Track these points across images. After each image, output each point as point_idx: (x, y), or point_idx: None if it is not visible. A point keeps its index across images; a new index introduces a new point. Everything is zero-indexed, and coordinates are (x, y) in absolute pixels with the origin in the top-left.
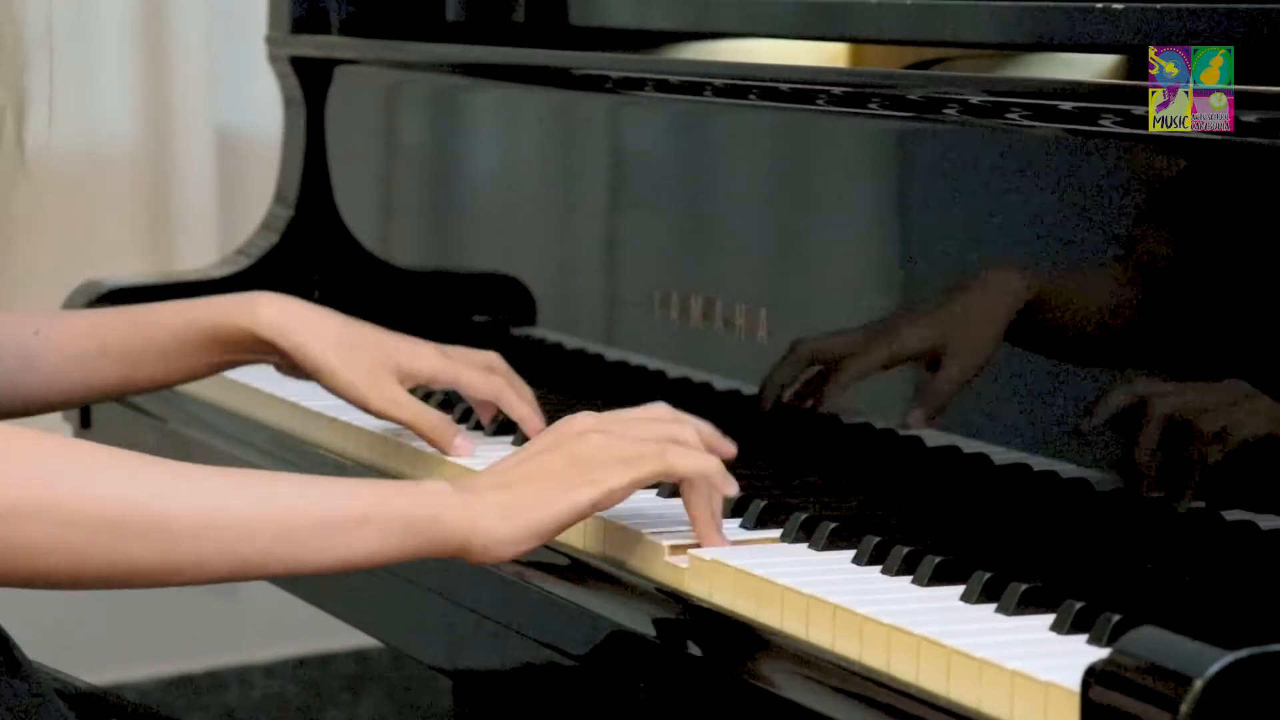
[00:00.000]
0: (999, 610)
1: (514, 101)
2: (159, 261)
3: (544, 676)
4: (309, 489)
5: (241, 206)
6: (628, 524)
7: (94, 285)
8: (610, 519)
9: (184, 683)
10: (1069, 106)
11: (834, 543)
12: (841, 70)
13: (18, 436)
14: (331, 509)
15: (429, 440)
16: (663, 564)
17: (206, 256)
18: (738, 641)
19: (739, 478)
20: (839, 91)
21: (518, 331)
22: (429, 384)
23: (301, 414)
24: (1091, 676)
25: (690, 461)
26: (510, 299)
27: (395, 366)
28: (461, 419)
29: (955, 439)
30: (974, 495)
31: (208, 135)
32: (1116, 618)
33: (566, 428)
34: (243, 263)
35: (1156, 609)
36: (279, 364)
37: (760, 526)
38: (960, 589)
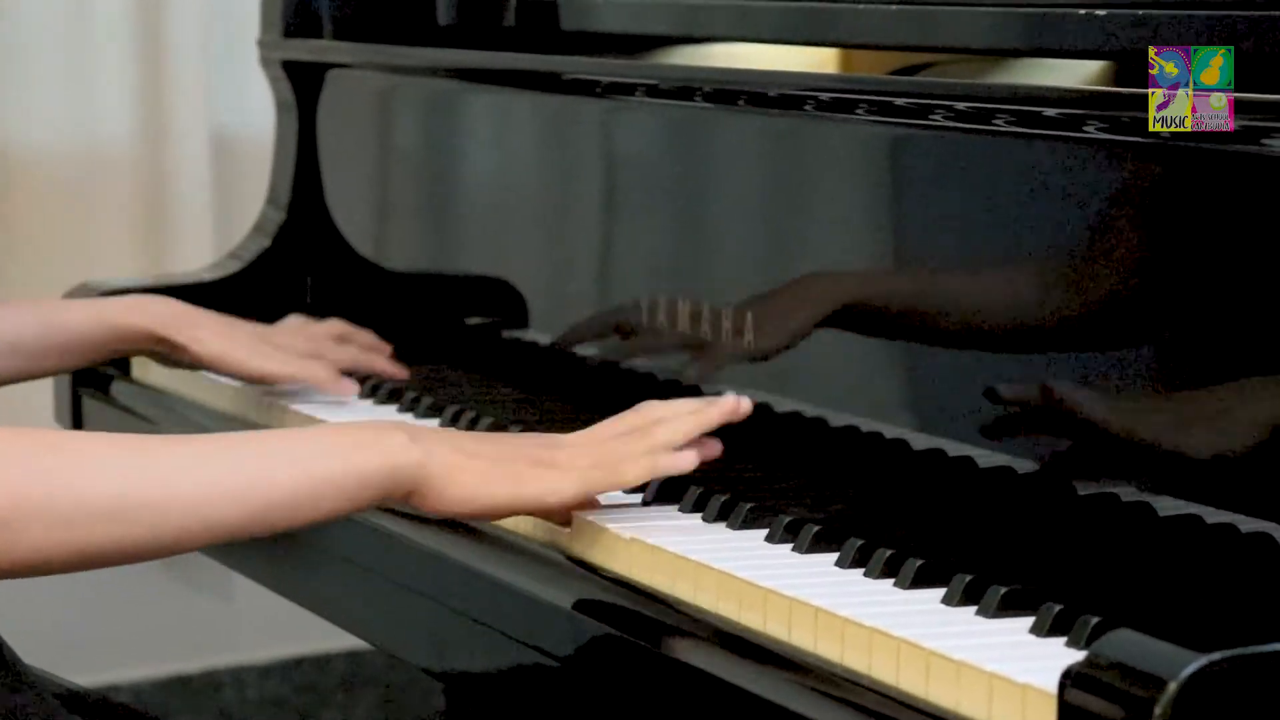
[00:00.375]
0: (979, 613)
1: (505, 106)
2: (154, 263)
3: (532, 678)
4: (286, 453)
5: (237, 209)
6: (611, 527)
7: (88, 288)
8: (598, 522)
9: (179, 683)
10: (1056, 113)
11: (818, 545)
12: (831, 76)
13: (8, 439)
14: (306, 474)
15: (321, 387)
16: (644, 565)
17: (202, 258)
18: (721, 644)
19: (726, 480)
20: (828, 97)
21: (509, 334)
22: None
23: (297, 419)
24: (1068, 679)
25: (640, 472)
26: (500, 302)
27: (271, 343)
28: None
29: (941, 442)
30: (958, 499)
31: (203, 138)
32: (1095, 620)
33: (543, 436)
34: (235, 266)
35: (1135, 612)
36: (162, 357)
37: (746, 528)
38: (942, 592)
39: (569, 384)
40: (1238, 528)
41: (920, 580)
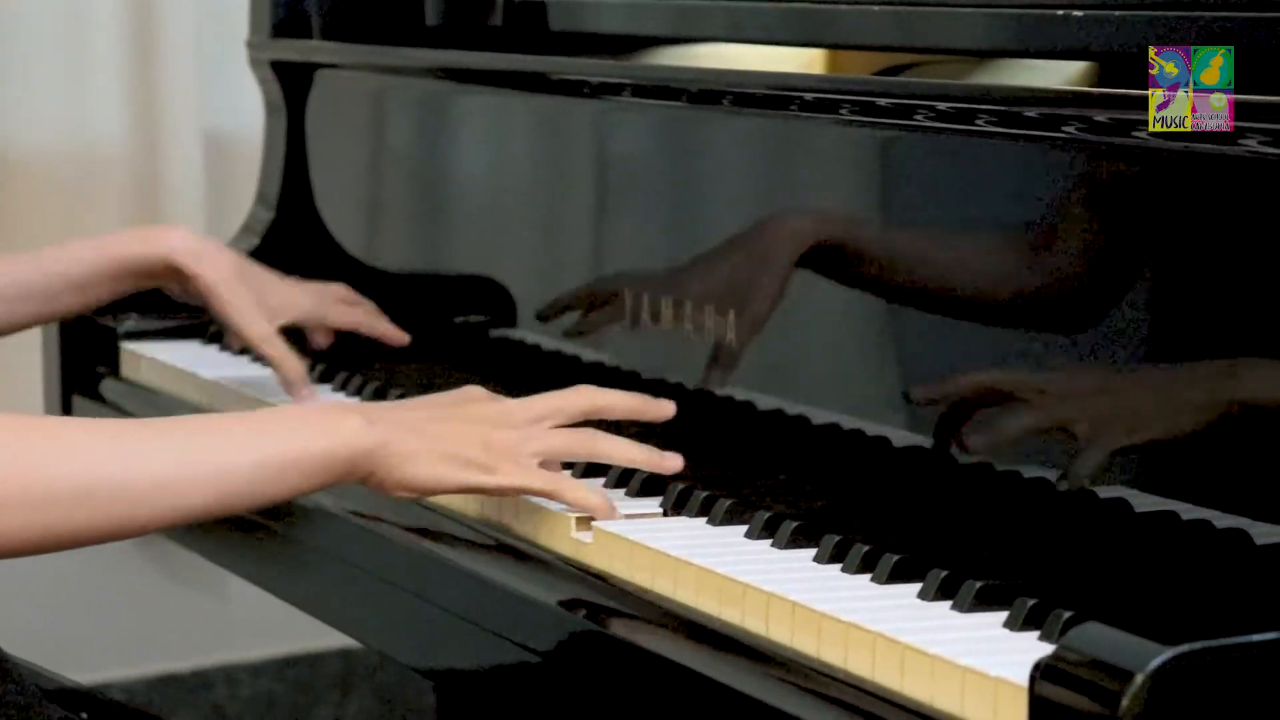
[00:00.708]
0: (954, 608)
1: (493, 106)
2: None
3: (518, 675)
4: (249, 436)
5: (229, 208)
6: (592, 523)
7: None
8: (580, 518)
9: (171, 681)
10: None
11: (796, 541)
12: (821, 77)
13: None
14: (265, 457)
15: (283, 378)
16: (624, 560)
17: None
18: (700, 639)
19: (706, 477)
20: (813, 97)
21: (497, 333)
22: (297, 320)
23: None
24: (1038, 671)
25: (577, 498)
26: (489, 301)
27: (269, 307)
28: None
29: (921, 440)
30: (937, 496)
31: (196, 138)
32: (1067, 615)
33: (485, 407)
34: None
35: (1110, 607)
36: (173, 290)
37: (725, 524)
38: (918, 587)
39: (559, 382)
40: (1213, 524)
41: (897, 576)
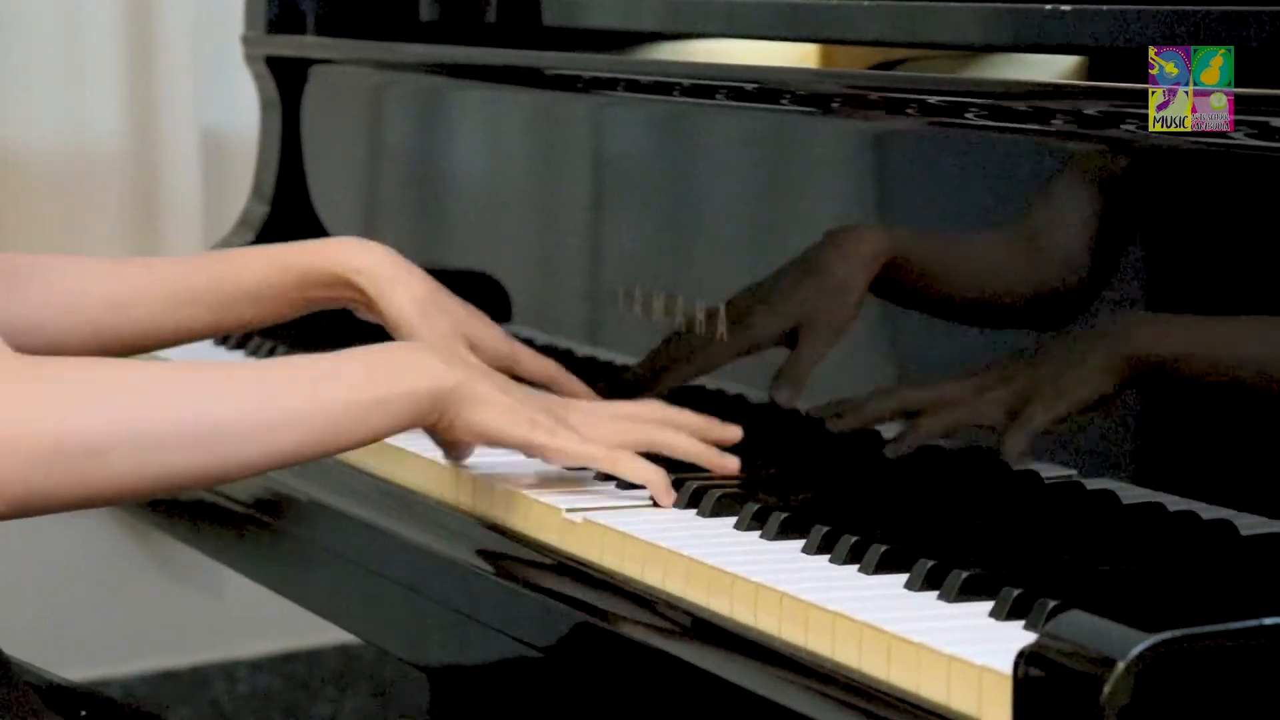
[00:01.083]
0: (940, 597)
1: (488, 101)
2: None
3: (511, 667)
4: (339, 377)
5: (226, 205)
6: (584, 514)
7: None
8: (571, 509)
9: (170, 678)
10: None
11: (785, 532)
12: (813, 71)
13: (96, 368)
14: (358, 397)
15: None
16: (614, 551)
17: (191, 253)
18: (689, 629)
19: (696, 469)
20: (807, 92)
21: None
22: (494, 361)
23: None
24: (1021, 659)
25: (634, 470)
26: (483, 296)
27: (467, 337)
28: None
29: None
30: (925, 487)
31: (193, 134)
32: (1053, 604)
33: (561, 399)
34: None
35: (1095, 596)
36: (359, 310)
37: (715, 516)
38: (905, 577)
39: None
40: (1199, 515)
41: (884, 566)
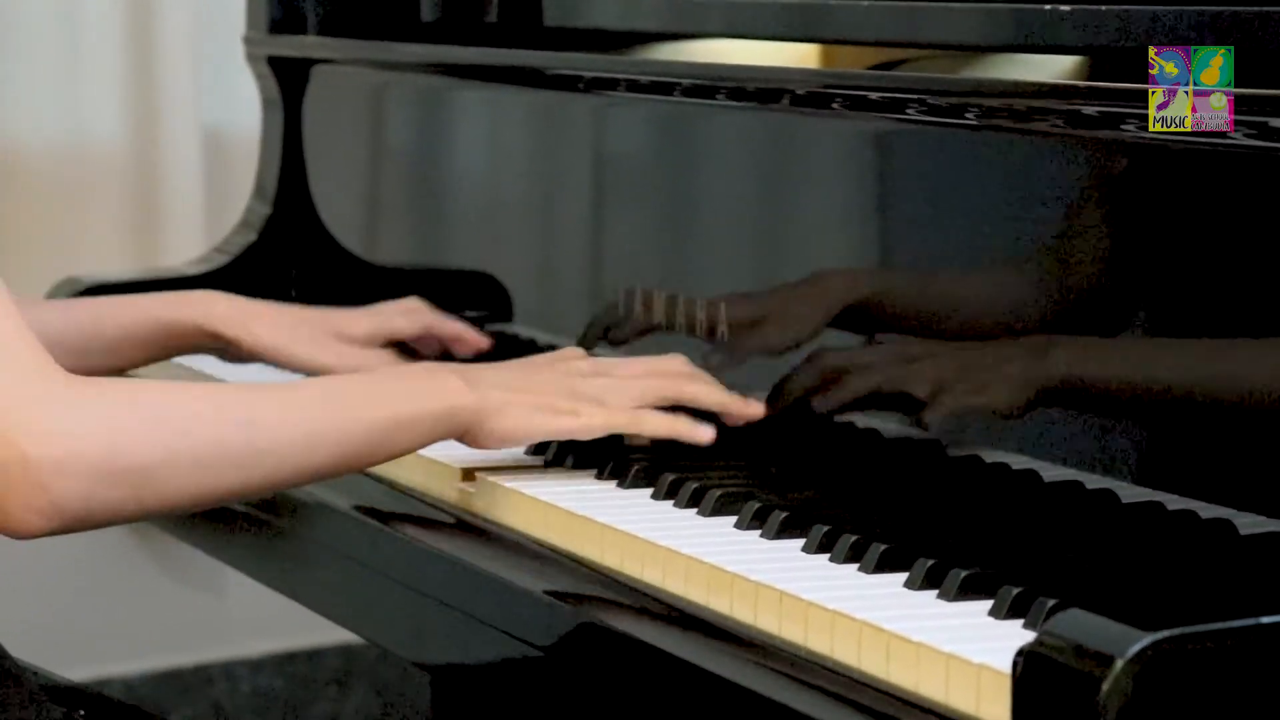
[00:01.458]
0: (940, 596)
1: (489, 101)
2: (145, 259)
3: (514, 667)
4: (370, 397)
5: (227, 205)
6: (585, 513)
7: (73, 282)
8: (573, 508)
9: (171, 678)
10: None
11: (785, 532)
12: (814, 71)
13: (145, 389)
14: (380, 418)
15: None
16: (615, 550)
17: (192, 254)
18: (689, 628)
19: (697, 467)
20: (807, 92)
21: (493, 327)
22: (367, 341)
23: None
24: (1020, 658)
25: (657, 425)
26: (484, 295)
27: (334, 332)
28: None
29: (910, 431)
30: (925, 487)
31: (194, 134)
32: (1051, 602)
33: (571, 363)
34: (221, 260)
35: (1095, 595)
36: (222, 355)
37: (715, 515)
38: (904, 576)
39: None
40: (1198, 514)
41: (884, 565)
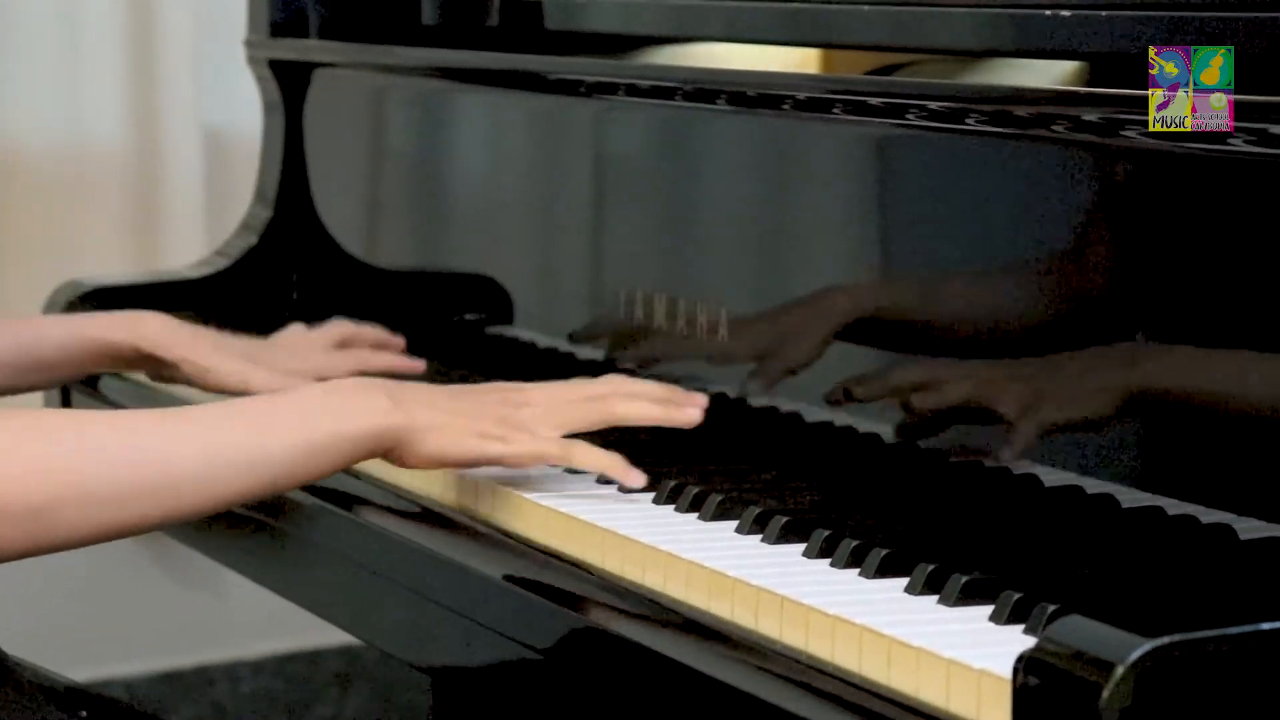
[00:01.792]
0: (941, 601)
1: (490, 105)
2: (146, 262)
3: (516, 672)
4: (281, 420)
5: (228, 207)
6: (586, 518)
7: (74, 285)
8: (573, 513)
9: (173, 678)
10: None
11: (786, 536)
12: (814, 76)
13: (29, 425)
14: (302, 439)
15: None
16: (616, 555)
17: (193, 257)
18: (690, 632)
19: (698, 472)
20: (807, 97)
21: (493, 330)
22: (303, 371)
23: None
24: (1020, 664)
25: (589, 460)
26: (486, 299)
27: (270, 360)
28: None
29: (913, 436)
30: (926, 492)
31: (194, 135)
32: (1052, 608)
33: (507, 393)
34: (222, 263)
35: (1095, 600)
36: (152, 374)
37: (716, 519)
38: (905, 581)
39: (554, 380)
40: (1198, 519)
41: (884, 570)
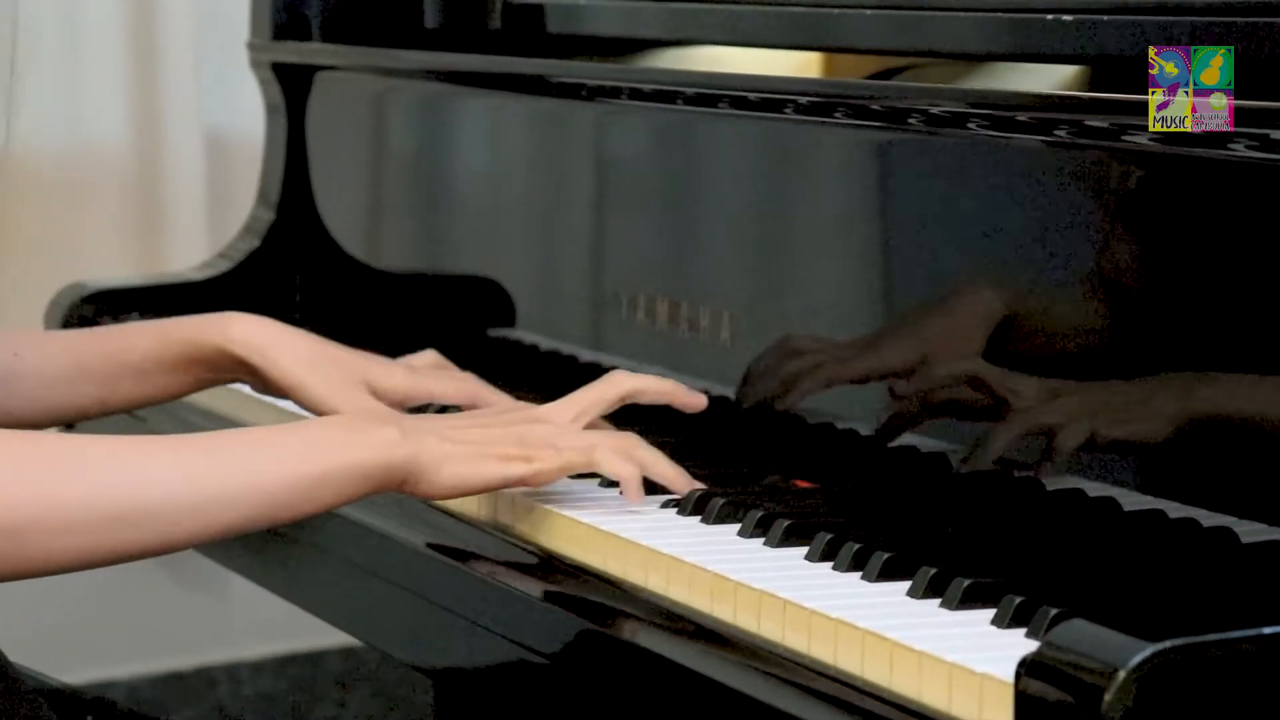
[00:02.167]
0: (943, 605)
1: (492, 108)
2: (148, 264)
3: (518, 675)
4: (282, 451)
5: (231, 209)
6: (588, 521)
7: (78, 288)
8: (576, 517)
9: (174, 680)
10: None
11: (788, 540)
12: (816, 80)
13: (12, 445)
14: (303, 471)
15: None
16: (618, 558)
17: (196, 259)
18: (692, 635)
19: (700, 477)
20: (809, 101)
21: (495, 333)
22: (402, 401)
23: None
24: (1023, 668)
25: (613, 466)
26: (487, 301)
27: (366, 382)
28: None
29: (914, 440)
30: (929, 495)
31: (196, 138)
32: (1054, 612)
33: (521, 411)
34: (224, 265)
35: (1097, 604)
36: (253, 383)
37: (719, 523)
38: (907, 585)
39: (555, 382)
40: (1199, 522)
41: (886, 574)
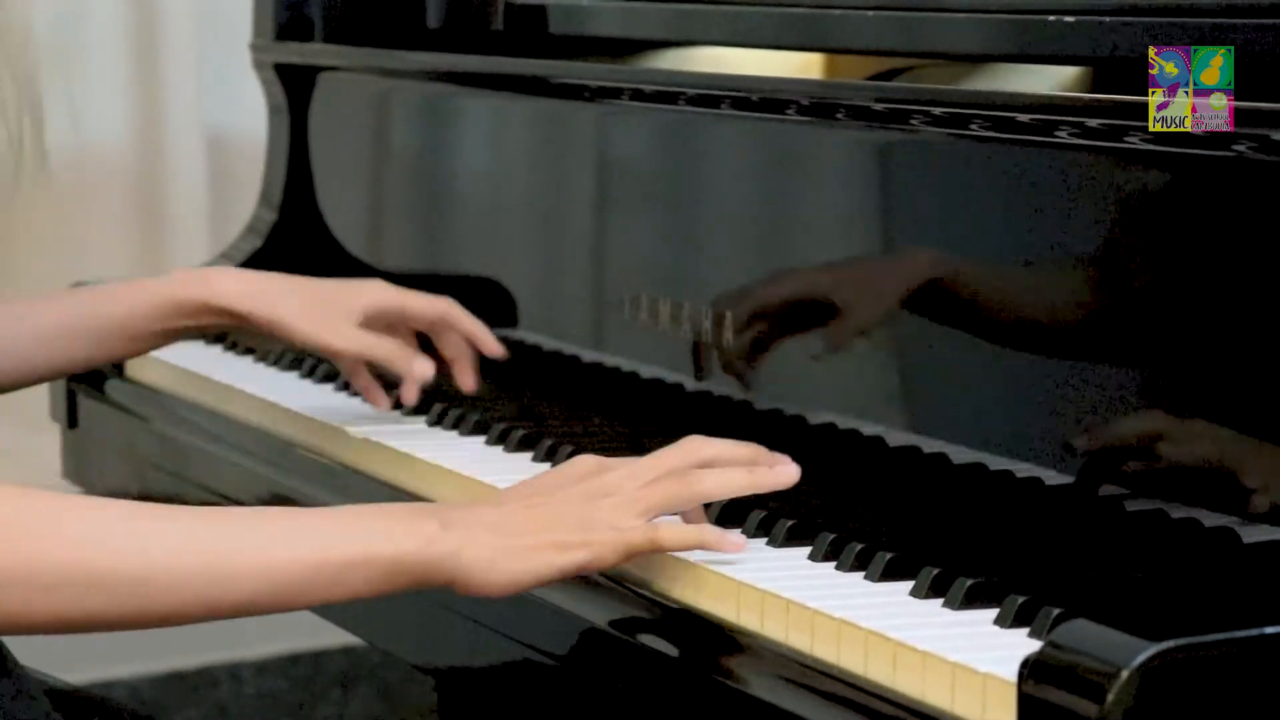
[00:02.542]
0: (946, 605)
1: (494, 109)
2: (149, 262)
3: (522, 675)
4: (303, 534)
5: (232, 208)
6: None
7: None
8: None
9: (176, 679)
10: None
11: (791, 540)
12: (817, 82)
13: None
14: (325, 557)
15: (392, 368)
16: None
17: (198, 259)
18: (698, 637)
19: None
20: (811, 102)
21: (498, 333)
22: (380, 313)
23: (287, 416)
24: (1026, 668)
25: (678, 541)
26: (489, 302)
27: (345, 306)
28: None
29: (916, 439)
30: (932, 495)
31: (198, 139)
32: (1057, 612)
33: (588, 484)
34: (226, 266)
35: (1099, 604)
36: (232, 331)
37: (722, 524)
38: (910, 584)
39: (557, 383)
40: (1201, 523)
41: (889, 573)
